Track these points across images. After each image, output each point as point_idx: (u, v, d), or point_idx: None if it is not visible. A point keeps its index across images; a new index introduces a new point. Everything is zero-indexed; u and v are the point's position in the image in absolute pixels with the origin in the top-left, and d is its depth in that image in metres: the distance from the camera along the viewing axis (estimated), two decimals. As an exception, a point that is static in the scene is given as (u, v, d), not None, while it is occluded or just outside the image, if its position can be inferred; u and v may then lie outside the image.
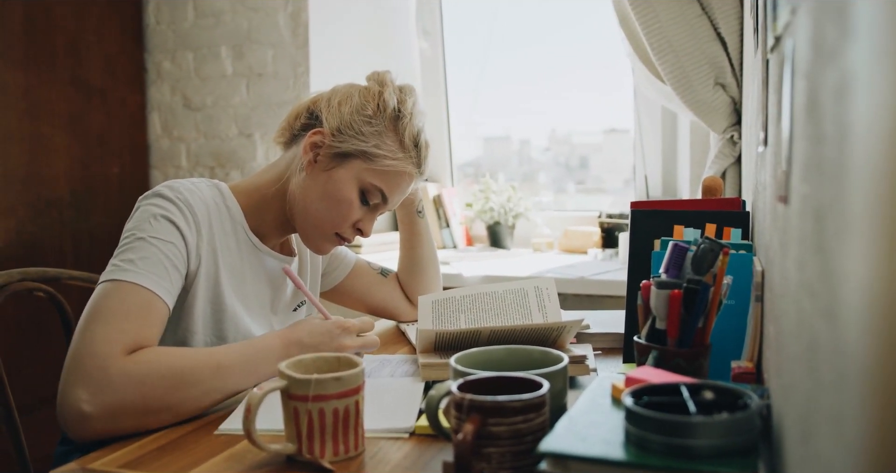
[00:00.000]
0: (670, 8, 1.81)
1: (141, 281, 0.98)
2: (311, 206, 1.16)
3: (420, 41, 2.77)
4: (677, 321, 0.87)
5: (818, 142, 0.45)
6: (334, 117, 1.16)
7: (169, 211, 1.06)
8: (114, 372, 0.90)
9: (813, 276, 0.46)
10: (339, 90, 1.20)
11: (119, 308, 0.96)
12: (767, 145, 0.86)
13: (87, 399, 0.89)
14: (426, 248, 1.46)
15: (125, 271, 0.99)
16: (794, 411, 0.57)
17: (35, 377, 2.13)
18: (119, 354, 0.92)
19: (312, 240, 1.21)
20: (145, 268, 1.00)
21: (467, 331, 1.10)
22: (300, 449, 0.80)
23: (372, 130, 1.15)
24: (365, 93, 1.18)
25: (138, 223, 1.05)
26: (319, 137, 1.16)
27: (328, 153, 1.15)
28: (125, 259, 1.00)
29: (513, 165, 3.11)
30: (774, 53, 0.77)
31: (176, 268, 1.03)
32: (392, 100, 1.17)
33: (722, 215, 1.15)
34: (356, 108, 1.16)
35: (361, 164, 1.15)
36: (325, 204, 1.16)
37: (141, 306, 0.97)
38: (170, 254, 1.03)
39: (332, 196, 1.16)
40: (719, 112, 1.84)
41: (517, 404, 0.70)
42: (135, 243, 1.02)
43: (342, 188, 1.15)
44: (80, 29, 2.46)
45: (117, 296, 0.97)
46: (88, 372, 0.90)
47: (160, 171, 2.73)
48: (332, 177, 1.16)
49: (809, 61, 0.50)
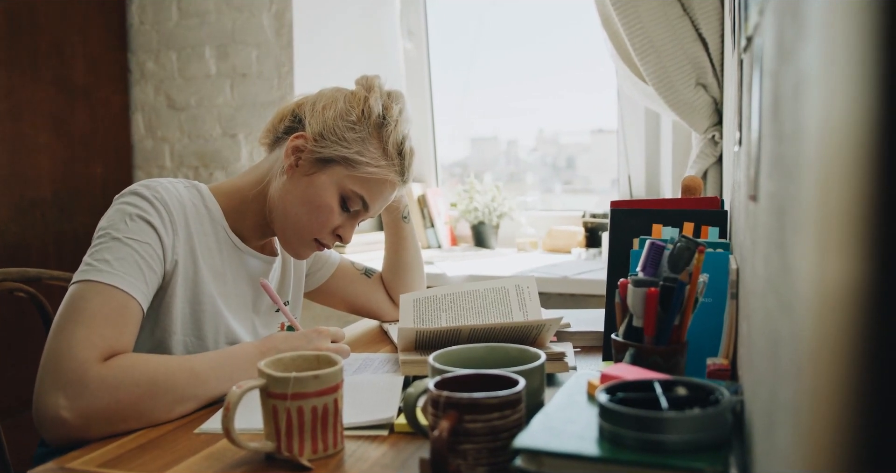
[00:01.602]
0: (652, 9, 1.82)
1: (117, 283, 0.98)
2: (290, 210, 1.16)
3: (404, 41, 2.78)
4: (654, 319, 0.88)
5: (780, 140, 0.46)
6: (317, 122, 1.15)
7: (145, 211, 1.05)
8: (91, 378, 0.90)
9: (775, 271, 0.47)
10: (325, 94, 1.20)
11: (97, 311, 0.95)
12: (742, 145, 0.87)
13: (65, 406, 0.89)
14: (411, 252, 1.47)
15: (101, 272, 0.98)
16: (761, 405, 0.58)
17: (16, 379, 2.12)
18: (97, 359, 0.92)
19: (291, 245, 1.20)
20: (121, 269, 0.99)
21: (448, 329, 1.11)
22: (279, 447, 0.81)
23: (355, 136, 1.14)
24: (350, 98, 1.17)
25: (113, 222, 1.04)
26: (301, 141, 1.15)
27: (310, 158, 1.15)
28: (100, 259, 1.00)
29: (500, 165, 3.12)
30: (747, 53, 0.78)
31: (152, 269, 1.03)
32: (377, 106, 1.16)
33: (700, 213, 1.16)
34: (340, 113, 1.15)
35: (343, 170, 1.15)
36: (305, 209, 1.15)
37: (118, 309, 0.97)
38: (145, 255, 1.02)
39: (312, 202, 1.15)
40: (701, 112, 1.85)
41: (493, 401, 0.71)
42: (110, 242, 1.02)
43: (322, 194, 1.15)
44: (64, 29, 2.45)
45: (94, 298, 0.96)
46: (67, 377, 0.90)
47: (144, 171, 2.72)
48: (312, 182, 1.15)
49: (774, 60, 0.51)
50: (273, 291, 1.16)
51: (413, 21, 2.77)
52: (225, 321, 1.15)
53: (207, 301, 1.12)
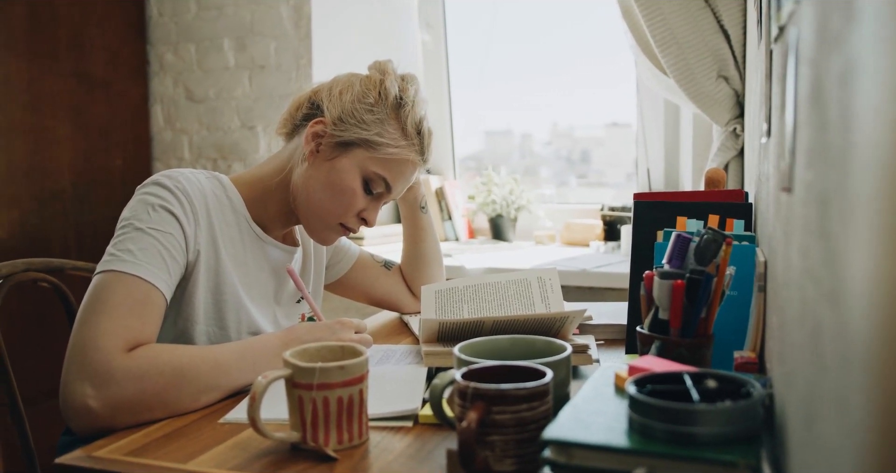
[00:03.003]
0: (673, 1, 1.80)
1: (141, 273, 0.98)
2: (314, 196, 1.16)
3: (422, 34, 2.77)
4: (680, 312, 0.87)
5: (822, 128, 0.45)
6: (335, 106, 1.15)
7: (167, 201, 1.05)
8: (116, 368, 0.91)
9: (817, 262, 0.47)
10: (340, 80, 1.20)
11: (122, 301, 0.96)
12: (770, 136, 0.86)
13: (92, 395, 0.90)
14: (430, 242, 1.47)
15: (124, 262, 0.99)
16: (797, 397, 0.57)
17: (39, 369, 2.14)
18: (121, 349, 0.93)
19: (316, 231, 1.21)
20: (144, 259, 1.00)
21: (470, 321, 1.10)
22: (304, 437, 0.81)
23: (374, 118, 1.15)
24: (366, 82, 1.18)
25: (136, 213, 1.04)
26: (321, 126, 1.15)
27: (330, 142, 1.15)
28: (124, 249, 1.00)
29: (514, 158, 3.11)
30: (778, 43, 0.77)
31: (175, 259, 1.03)
32: (394, 88, 1.16)
33: (725, 206, 1.16)
34: (357, 96, 1.16)
35: (364, 152, 1.15)
36: (328, 194, 1.16)
37: (142, 300, 0.98)
38: (168, 245, 1.03)
39: (335, 186, 1.15)
40: (722, 104, 1.84)
41: (521, 392, 0.71)
42: (133, 233, 1.02)
43: (345, 178, 1.15)
44: (84, 21, 2.46)
45: (119, 288, 0.97)
46: (93, 367, 0.91)
47: (163, 163, 2.73)
48: (334, 166, 1.15)
49: (814, 49, 0.50)
50: (299, 278, 1.16)
51: (431, 13, 2.76)
52: (247, 311, 1.15)
53: (229, 291, 1.12)
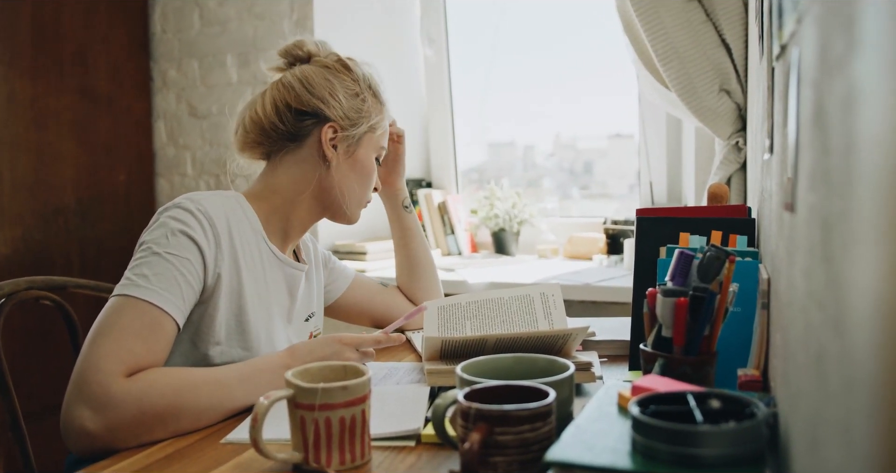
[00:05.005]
0: (675, 14, 1.81)
1: (152, 299, 0.98)
2: (346, 190, 1.23)
3: (425, 48, 2.78)
4: (683, 329, 0.87)
5: (825, 152, 0.45)
6: (336, 108, 1.20)
7: (188, 225, 1.05)
8: (115, 391, 0.91)
9: (820, 286, 0.46)
10: (297, 86, 1.22)
11: (129, 326, 0.96)
12: (773, 153, 0.86)
13: (90, 417, 0.90)
14: (418, 242, 1.48)
15: (138, 287, 0.99)
16: (802, 419, 0.57)
17: (41, 386, 2.14)
18: (122, 373, 0.93)
19: (351, 216, 1.27)
20: (158, 285, 1.00)
21: (473, 338, 1.10)
22: (307, 458, 0.80)
23: (365, 105, 1.23)
24: (335, 74, 1.22)
25: (155, 237, 1.04)
26: (332, 130, 1.20)
27: (344, 141, 1.21)
28: (139, 274, 1.00)
29: (517, 170, 3.11)
30: (780, 62, 0.77)
31: (190, 285, 1.03)
32: (358, 69, 1.24)
33: (728, 222, 1.15)
34: (346, 91, 1.21)
35: (370, 135, 1.24)
36: (360, 183, 1.25)
37: (149, 325, 0.97)
38: (184, 271, 1.02)
39: (363, 173, 1.25)
40: (724, 118, 1.84)
41: (524, 413, 0.70)
42: (150, 257, 1.02)
43: (367, 165, 1.25)
44: (88, 38, 2.47)
45: (128, 313, 0.97)
46: (92, 390, 0.91)
47: (166, 179, 2.74)
48: (357, 159, 1.23)
49: (816, 71, 0.50)
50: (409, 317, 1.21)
51: (433, 28, 2.77)
52: (270, 331, 1.15)
53: (252, 312, 1.12)
